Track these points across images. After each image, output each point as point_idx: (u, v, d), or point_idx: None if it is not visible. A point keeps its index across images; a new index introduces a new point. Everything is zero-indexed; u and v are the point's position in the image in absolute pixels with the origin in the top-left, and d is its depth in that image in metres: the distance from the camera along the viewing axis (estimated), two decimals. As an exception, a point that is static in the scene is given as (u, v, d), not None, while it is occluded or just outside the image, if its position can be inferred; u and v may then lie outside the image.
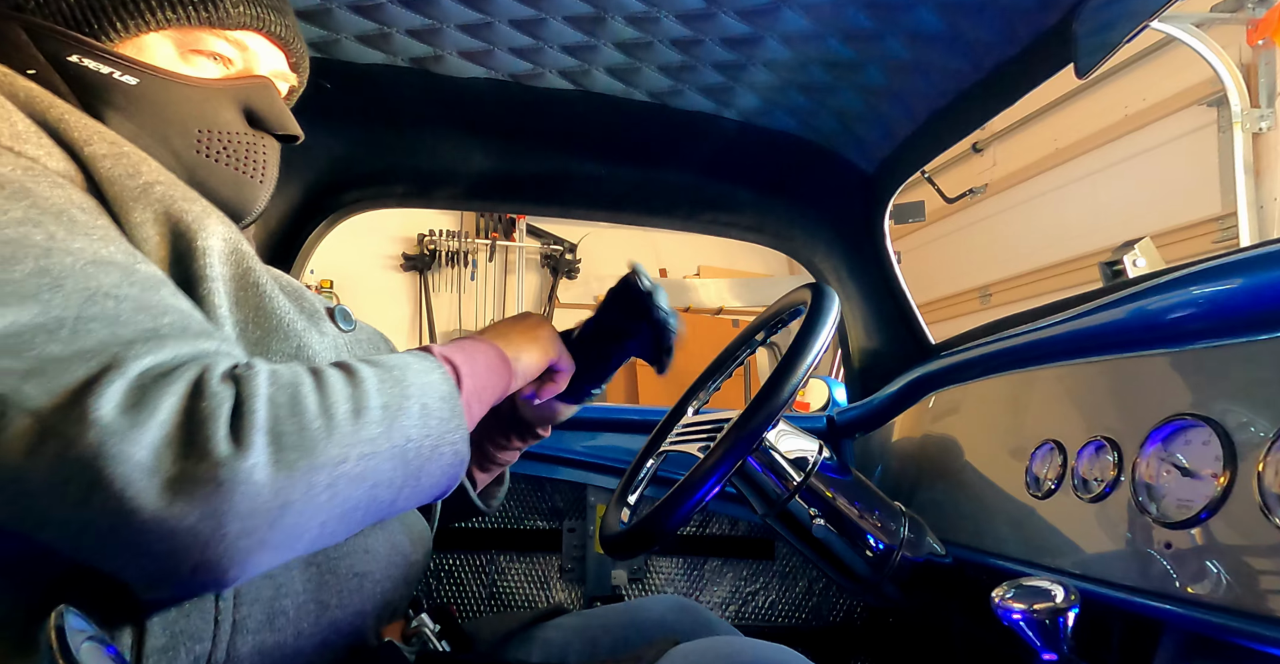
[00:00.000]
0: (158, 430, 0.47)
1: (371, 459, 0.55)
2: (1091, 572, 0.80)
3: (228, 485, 0.47)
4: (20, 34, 0.66)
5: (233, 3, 0.71)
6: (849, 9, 1.10)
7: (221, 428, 0.49)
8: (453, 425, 0.62)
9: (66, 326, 0.49)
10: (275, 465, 0.49)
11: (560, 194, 1.58)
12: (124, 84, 0.68)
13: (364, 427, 0.54)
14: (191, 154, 0.70)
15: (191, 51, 0.71)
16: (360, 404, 0.55)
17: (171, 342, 0.52)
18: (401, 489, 0.58)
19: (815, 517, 0.91)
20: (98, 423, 0.46)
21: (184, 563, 0.48)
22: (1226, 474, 0.66)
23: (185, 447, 0.47)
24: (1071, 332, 0.95)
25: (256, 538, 0.49)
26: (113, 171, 0.59)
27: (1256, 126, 2.72)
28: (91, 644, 0.38)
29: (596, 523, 1.53)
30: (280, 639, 0.61)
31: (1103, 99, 3.61)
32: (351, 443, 0.53)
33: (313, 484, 0.51)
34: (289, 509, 0.50)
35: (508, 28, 1.18)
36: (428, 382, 0.61)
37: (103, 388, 0.47)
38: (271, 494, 0.49)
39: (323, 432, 0.52)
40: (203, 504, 0.47)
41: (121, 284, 0.53)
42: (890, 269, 1.55)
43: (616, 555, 0.90)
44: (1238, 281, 0.72)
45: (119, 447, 0.46)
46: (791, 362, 0.81)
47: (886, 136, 1.41)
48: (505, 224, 5.37)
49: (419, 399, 0.59)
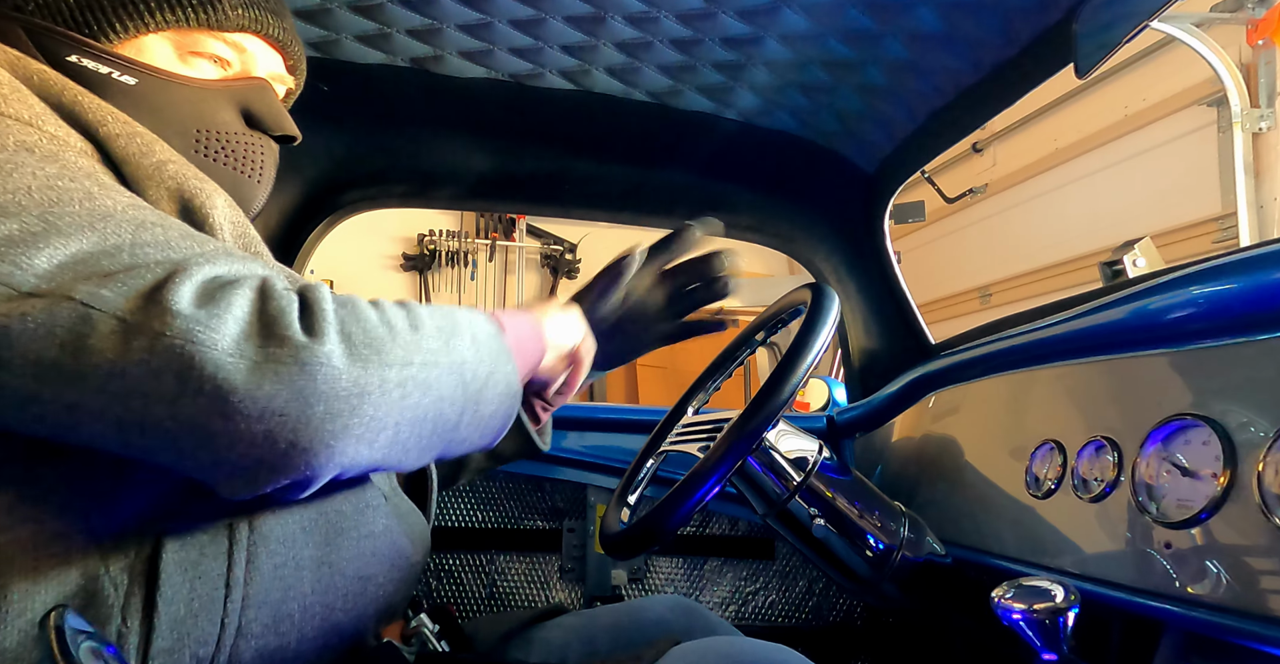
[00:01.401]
0: (235, 323, 0.49)
1: (434, 368, 0.56)
2: (1091, 572, 0.80)
3: (310, 367, 0.49)
4: (20, 34, 0.66)
5: (231, 5, 0.72)
6: (849, 9, 1.10)
7: (295, 321, 0.50)
8: (504, 358, 0.64)
9: (125, 250, 0.51)
10: (349, 356, 0.51)
11: (560, 194, 1.58)
12: (123, 84, 0.68)
13: (424, 338, 0.56)
14: (190, 153, 0.71)
15: (190, 53, 0.71)
16: (417, 321, 0.57)
17: (221, 262, 0.54)
18: (464, 411, 0.60)
19: (815, 517, 0.91)
20: (180, 314, 0.47)
21: (278, 444, 0.49)
22: (1226, 474, 0.66)
23: (264, 336, 0.49)
24: (1071, 331, 0.95)
25: (341, 422, 0.50)
26: (127, 150, 0.61)
27: (1256, 126, 2.72)
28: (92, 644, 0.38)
29: (596, 523, 1.53)
30: (283, 643, 0.61)
31: (1103, 99, 3.61)
32: (414, 349, 0.55)
33: (385, 379, 0.52)
34: (367, 399, 0.51)
35: (508, 28, 1.18)
36: (475, 319, 0.63)
37: (177, 286, 0.49)
38: (350, 381, 0.51)
39: (387, 337, 0.54)
40: (289, 383, 0.49)
41: (160, 223, 0.56)
42: (890, 269, 1.55)
43: (616, 555, 0.90)
44: (1238, 281, 0.72)
45: (203, 334, 0.47)
46: (791, 361, 0.81)
47: (886, 136, 1.41)
48: (505, 224, 5.38)
49: (469, 330, 0.61)
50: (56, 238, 0.49)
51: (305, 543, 0.63)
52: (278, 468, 0.51)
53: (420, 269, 5.27)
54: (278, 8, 0.77)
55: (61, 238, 0.49)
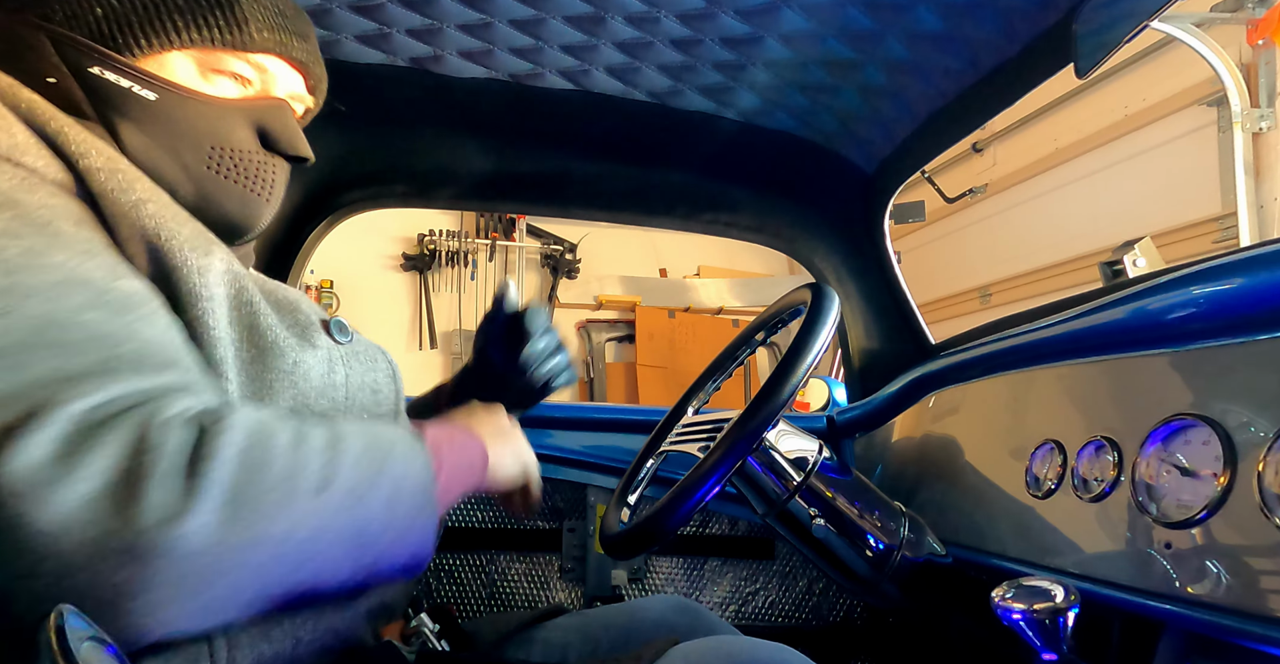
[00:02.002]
0: (91, 482, 0.44)
1: (321, 538, 0.52)
2: (1091, 572, 0.80)
3: (159, 549, 0.44)
4: (45, 42, 0.67)
5: (257, 28, 0.72)
6: (849, 9, 1.10)
7: (163, 484, 0.45)
8: (420, 521, 0.60)
9: (8, 356, 0.46)
10: (216, 532, 0.46)
11: (560, 194, 1.58)
12: (142, 98, 0.68)
13: (324, 504, 0.52)
14: (202, 169, 0.70)
15: (212, 70, 0.72)
16: (329, 477, 0.53)
17: (124, 375, 0.49)
18: (349, 576, 0.56)
19: (815, 516, 0.91)
20: (25, 469, 0.43)
21: (103, 616, 0.44)
22: (1226, 474, 0.66)
23: (117, 503, 0.44)
24: (1071, 331, 0.95)
25: (179, 606, 0.46)
26: (106, 185, 0.59)
27: (1256, 126, 2.72)
28: (91, 644, 0.38)
29: (596, 523, 1.53)
30: (278, 649, 0.61)
31: (1103, 99, 3.61)
32: (303, 519, 0.51)
33: (251, 556, 0.48)
34: (220, 580, 0.47)
35: (508, 28, 1.18)
36: (407, 470, 0.60)
37: (35, 431, 0.44)
38: (204, 563, 0.46)
39: (279, 501, 0.49)
40: (130, 565, 0.44)
41: (85, 308, 0.51)
42: (890, 269, 1.55)
43: (616, 555, 0.90)
44: (1238, 281, 0.72)
45: (46, 496, 0.43)
46: (791, 361, 0.81)
47: (886, 136, 1.41)
48: (505, 224, 5.37)
49: (390, 487, 0.57)
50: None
51: None
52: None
53: (420, 269, 5.27)
54: (303, 29, 0.77)
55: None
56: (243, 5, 0.72)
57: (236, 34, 0.71)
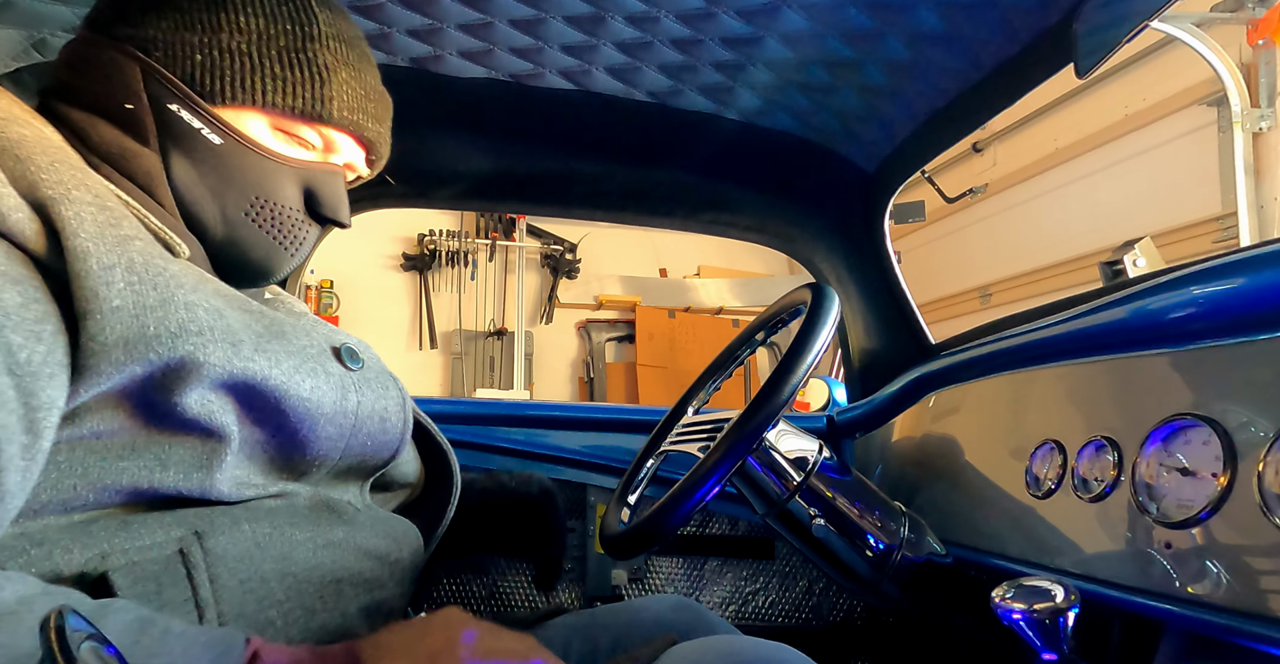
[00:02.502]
0: None
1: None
2: (1091, 572, 0.80)
3: None
4: (135, 70, 0.69)
5: (339, 106, 0.75)
6: (849, 9, 1.10)
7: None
8: None
9: None
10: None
11: (560, 194, 1.58)
12: (208, 141, 0.71)
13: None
14: (239, 215, 0.73)
15: (282, 132, 0.74)
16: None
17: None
18: None
19: (815, 516, 0.91)
20: None
21: None
22: (1227, 474, 0.66)
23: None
24: (1071, 331, 0.95)
25: None
26: (96, 217, 0.58)
27: (1257, 126, 2.72)
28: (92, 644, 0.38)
29: (596, 523, 1.53)
30: None
31: (1103, 99, 3.61)
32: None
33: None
34: None
35: (508, 28, 1.18)
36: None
37: None
38: None
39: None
40: None
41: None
42: (890, 269, 1.55)
43: (616, 555, 0.90)
44: (1238, 281, 0.72)
45: None
46: (791, 361, 0.81)
47: (886, 136, 1.41)
48: (505, 224, 5.38)
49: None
50: None
51: (263, 558, 0.64)
52: None
53: (420, 269, 5.27)
54: (381, 113, 0.81)
55: None
56: (333, 84, 0.74)
57: (319, 107, 0.74)
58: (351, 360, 0.74)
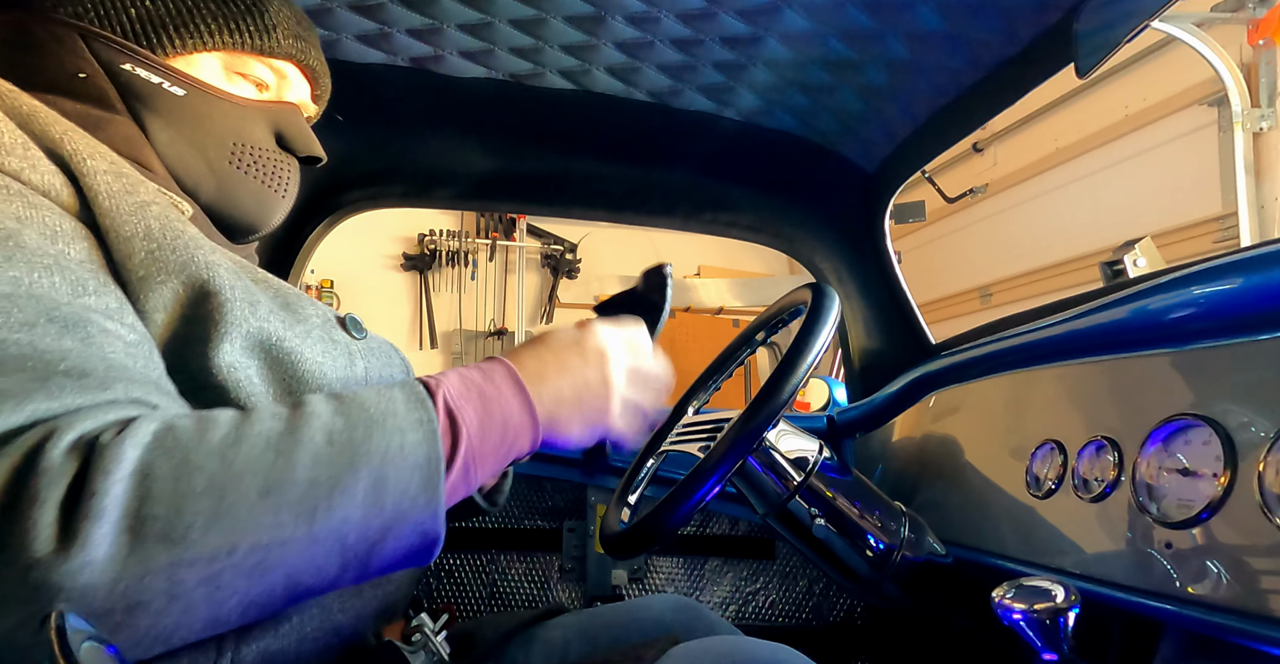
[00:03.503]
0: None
1: (278, 548, 0.46)
2: (1092, 572, 0.80)
3: (47, 592, 0.40)
4: (76, 40, 0.69)
5: (284, 34, 0.76)
6: (849, 9, 1.10)
7: (45, 515, 0.41)
8: (420, 501, 0.52)
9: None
10: (120, 560, 0.41)
11: (560, 194, 1.58)
12: (172, 94, 0.71)
13: (271, 509, 0.46)
14: (224, 164, 0.74)
15: (236, 73, 0.75)
16: (277, 477, 0.46)
17: (44, 396, 0.45)
18: (342, 574, 0.50)
19: (815, 516, 0.91)
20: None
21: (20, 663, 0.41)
22: (1227, 474, 0.66)
23: (3, 539, 0.40)
24: (1072, 331, 0.95)
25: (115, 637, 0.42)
26: (111, 186, 0.60)
27: (1257, 126, 2.72)
28: (92, 644, 0.38)
29: (597, 522, 1.53)
30: (284, 645, 0.62)
31: (1103, 99, 3.61)
32: (244, 530, 0.45)
33: (178, 580, 0.43)
34: (142, 610, 0.43)
35: (508, 27, 1.18)
36: (400, 444, 0.52)
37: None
38: (112, 597, 0.41)
39: (203, 515, 0.44)
40: (21, 607, 0.40)
41: (33, 322, 0.48)
42: (890, 269, 1.55)
43: (617, 555, 0.90)
44: (1238, 281, 0.72)
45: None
46: (792, 361, 0.81)
47: (887, 136, 1.41)
48: (505, 224, 5.38)
49: (374, 469, 0.50)
50: None
51: None
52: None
53: (420, 269, 5.27)
54: (315, 40, 0.82)
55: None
56: (270, 13, 0.76)
57: (264, 39, 0.75)
58: (356, 330, 0.74)
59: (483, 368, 0.62)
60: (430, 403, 0.55)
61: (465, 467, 0.56)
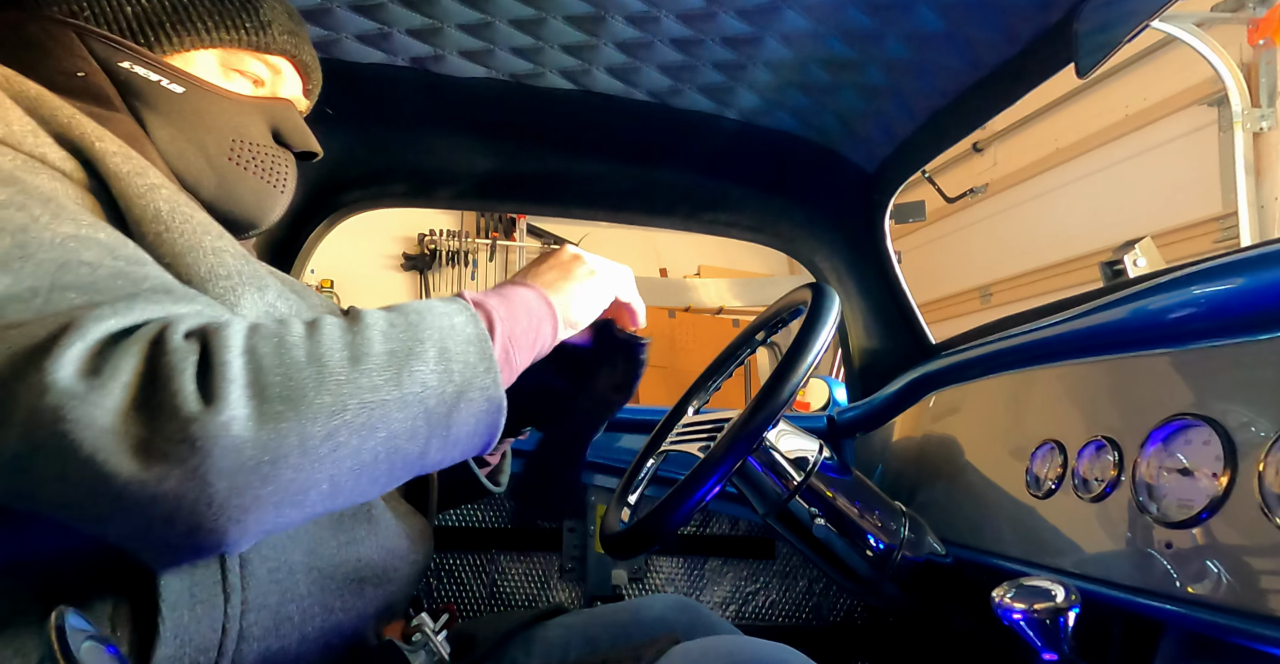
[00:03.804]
0: (120, 393, 0.45)
1: (379, 409, 0.51)
2: (1092, 572, 0.80)
3: (203, 443, 0.45)
4: (73, 38, 0.69)
5: (279, 30, 0.78)
6: (849, 9, 1.10)
7: (188, 383, 0.46)
8: (481, 369, 0.58)
9: (40, 295, 0.48)
10: (257, 418, 0.46)
11: (560, 194, 1.58)
12: (171, 92, 0.72)
13: (364, 373, 0.51)
14: (224, 160, 0.74)
15: (232, 69, 0.76)
16: (360, 350, 0.52)
17: (143, 303, 0.50)
18: (429, 440, 0.55)
19: (816, 516, 0.91)
20: (54, 387, 0.44)
21: (178, 526, 0.46)
22: (1227, 474, 0.66)
23: (151, 406, 0.45)
24: (1072, 331, 0.95)
25: (250, 495, 0.46)
26: (121, 168, 0.61)
27: (1257, 126, 2.72)
28: (92, 644, 0.38)
29: (597, 522, 1.53)
30: (285, 645, 0.62)
31: (1103, 99, 3.61)
32: (349, 391, 0.50)
33: (306, 435, 0.48)
34: (283, 463, 0.47)
35: (508, 27, 1.18)
36: (450, 324, 0.58)
37: (60, 351, 0.45)
38: (257, 449, 0.46)
39: (311, 379, 0.49)
40: (179, 465, 0.44)
41: (104, 257, 0.52)
42: (890, 269, 1.55)
43: (617, 555, 0.90)
44: (1238, 281, 0.72)
45: (80, 411, 0.44)
46: (792, 361, 0.81)
47: (887, 136, 1.41)
48: (505, 224, 5.38)
49: (436, 342, 0.56)
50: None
51: (293, 549, 0.63)
52: (185, 548, 0.48)
53: (420, 269, 5.27)
54: (306, 35, 0.83)
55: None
56: (265, 9, 0.77)
57: (260, 36, 0.76)
58: None
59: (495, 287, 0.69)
60: (460, 299, 0.62)
61: (505, 348, 0.63)
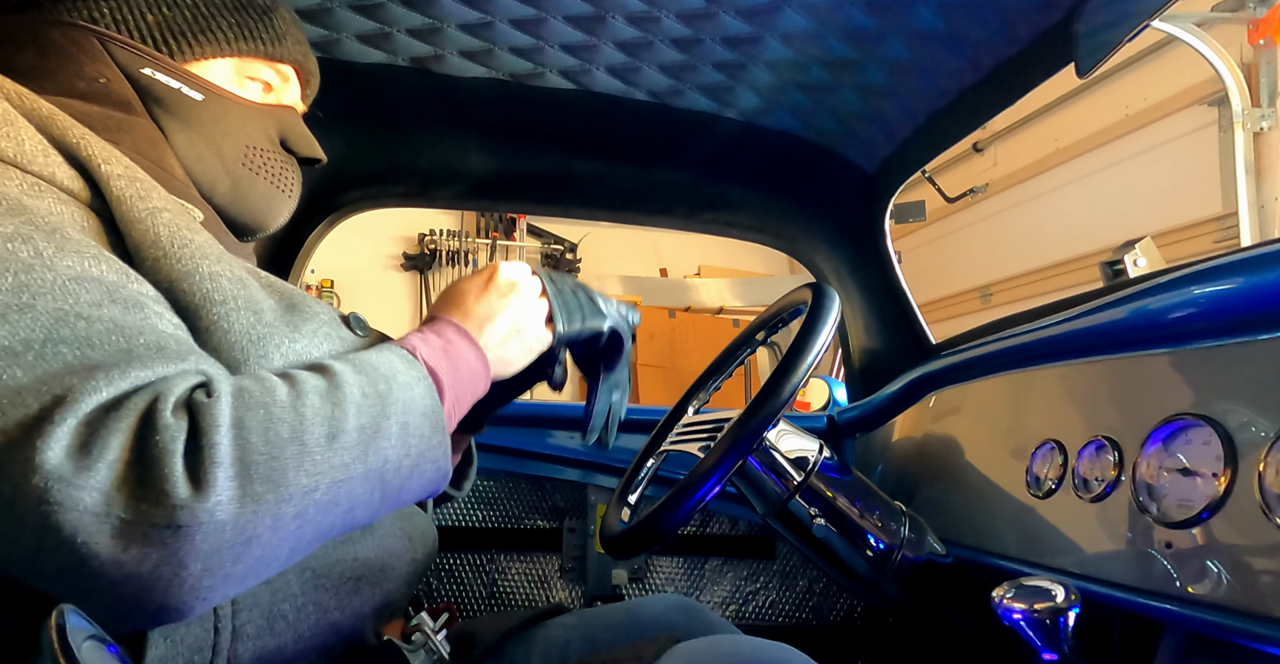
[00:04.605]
0: (107, 472, 0.45)
1: (345, 484, 0.53)
2: (1092, 571, 0.80)
3: (188, 528, 0.45)
4: (95, 44, 0.70)
5: (292, 41, 0.81)
6: (849, 9, 1.10)
7: (176, 465, 0.46)
8: (434, 442, 0.61)
9: (33, 349, 0.48)
10: (239, 501, 0.47)
11: (560, 194, 1.58)
12: (191, 99, 0.73)
13: (337, 452, 0.53)
14: (238, 166, 0.76)
15: (245, 77, 0.78)
16: (337, 427, 0.53)
17: (138, 365, 0.50)
18: (380, 508, 0.58)
19: (816, 516, 0.91)
20: (43, 466, 0.44)
21: (147, 605, 0.47)
22: (1227, 474, 0.66)
23: (138, 487, 0.45)
24: (1072, 331, 0.95)
25: (221, 574, 0.48)
26: (125, 192, 0.61)
27: (1257, 126, 2.72)
28: (92, 643, 0.38)
29: (597, 522, 1.53)
30: (281, 643, 0.62)
31: (1103, 99, 3.61)
32: (323, 470, 0.52)
33: (280, 516, 0.50)
34: (255, 543, 0.49)
35: (508, 27, 1.18)
36: (411, 396, 0.60)
37: (52, 427, 0.45)
38: (236, 531, 0.47)
39: (293, 459, 0.50)
40: (161, 548, 0.45)
41: (101, 302, 0.52)
42: (891, 269, 1.55)
43: (617, 555, 0.90)
44: (1238, 281, 0.72)
45: (65, 492, 0.44)
46: (792, 361, 0.81)
47: (887, 136, 1.41)
48: (505, 224, 5.38)
49: (400, 417, 0.58)
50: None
51: None
52: (150, 620, 0.49)
53: (420, 269, 5.27)
54: (308, 42, 0.85)
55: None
56: (278, 21, 0.79)
57: (276, 45, 0.78)
58: (360, 328, 0.76)
59: (437, 329, 0.71)
60: (418, 362, 0.64)
61: (449, 414, 0.66)
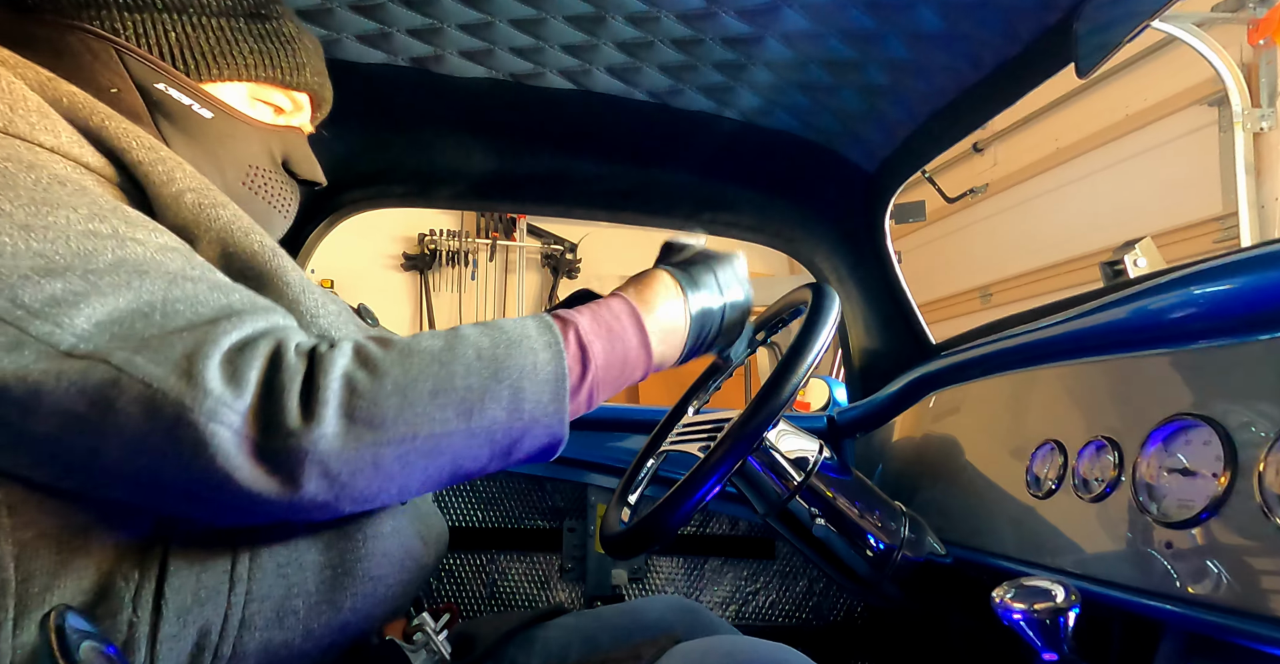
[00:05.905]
0: (247, 399, 0.51)
1: (446, 438, 0.57)
2: (1092, 572, 0.80)
3: (297, 454, 0.52)
4: (112, 55, 0.71)
5: (311, 72, 0.82)
6: (849, 9, 1.10)
7: (293, 400, 0.52)
8: (551, 410, 0.62)
9: (158, 309, 0.53)
10: (341, 437, 0.53)
11: (560, 194, 1.58)
12: (200, 116, 0.74)
13: (439, 408, 0.56)
14: (239, 185, 0.77)
15: (257, 99, 0.79)
16: (441, 384, 0.57)
17: (246, 316, 0.56)
18: (490, 462, 0.61)
19: (816, 516, 0.91)
20: (208, 391, 0.50)
21: (272, 515, 0.55)
22: (1227, 474, 0.66)
23: (265, 415, 0.52)
24: (1072, 331, 0.95)
25: (330, 495, 0.54)
26: (149, 178, 0.63)
27: (1257, 126, 2.72)
28: (92, 644, 0.38)
29: (597, 522, 1.53)
30: (288, 637, 0.62)
31: (1103, 99, 3.61)
32: (421, 422, 0.56)
33: (380, 456, 0.55)
34: (359, 475, 0.54)
35: (508, 27, 1.18)
36: (533, 363, 0.61)
37: (206, 359, 0.51)
38: (339, 463, 0.53)
39: (393, 410, 0.55)
40: (279, 469, 0.52)
41: (187, 267, 0.57)
42: (890, 269, 1.55)
43: (617, 555, 0.90)
44: (1238, 281, 0.72)
45: (224, 412, 0.50)
46: (792, 361, 0.81)
47: (887, 136, 1.41)
48: (506, 224, 5.37)
49: (512, 382, 0.60)
50: (96, 297, 0.52)
51: (309, 547, 0.64)
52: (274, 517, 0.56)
53: (421, 269, 5.27)
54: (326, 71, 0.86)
55: (100, 297, 0.52)
56: (300, 51, 0.80)
57: (295, 75, 0.80)
58: (370, 319, 0.79)
59: (611, 306, 0.72)
60: (557, 329, 0.64)
61: (590, 391, 0.67)
